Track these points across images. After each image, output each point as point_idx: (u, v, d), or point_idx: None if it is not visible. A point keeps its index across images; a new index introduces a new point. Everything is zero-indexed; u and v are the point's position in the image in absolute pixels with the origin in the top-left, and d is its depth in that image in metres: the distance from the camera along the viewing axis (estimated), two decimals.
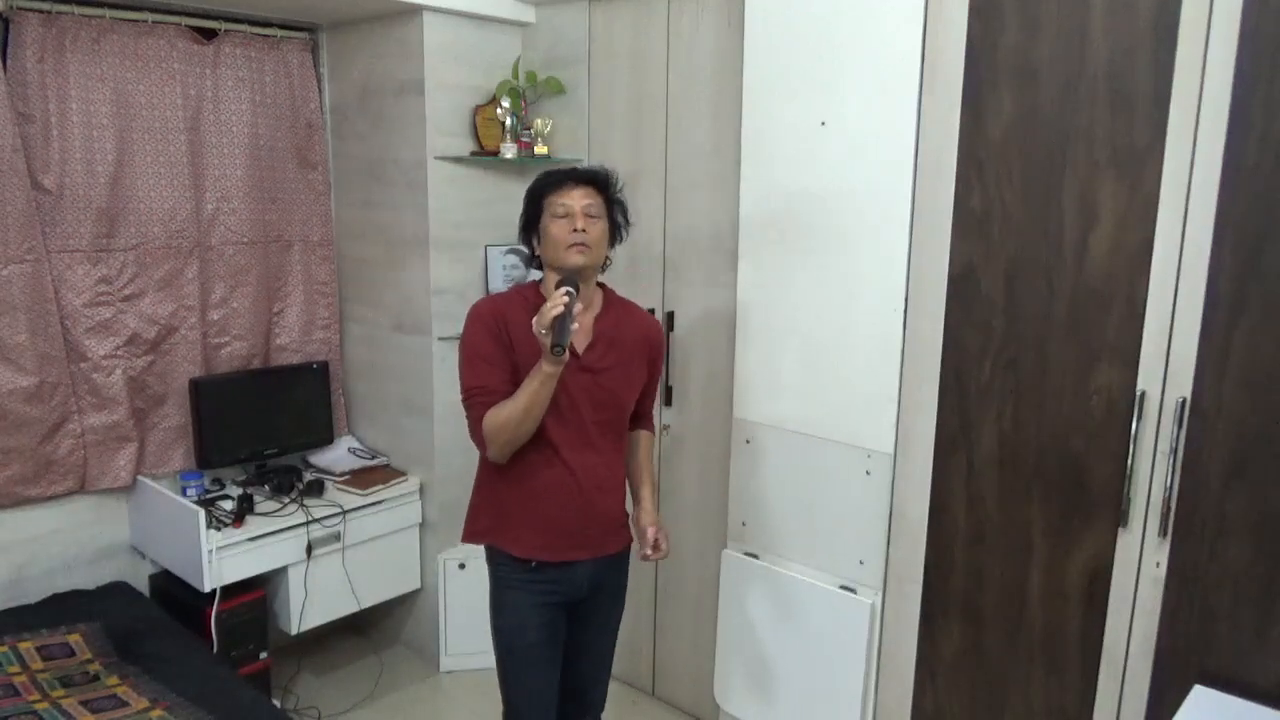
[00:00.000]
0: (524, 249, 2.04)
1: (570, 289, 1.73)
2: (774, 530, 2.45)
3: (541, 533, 1.94)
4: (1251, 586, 1.73)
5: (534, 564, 1.96)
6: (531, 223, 1.96)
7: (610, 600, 2.11)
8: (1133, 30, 1.77)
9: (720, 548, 2.61)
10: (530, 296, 1.93)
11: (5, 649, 2.37)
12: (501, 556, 2.00)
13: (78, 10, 2.62)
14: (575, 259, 1.85)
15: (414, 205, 3.00)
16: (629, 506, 2.10)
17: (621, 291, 2.11)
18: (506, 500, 1.96)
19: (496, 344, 1.88)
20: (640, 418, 2.14)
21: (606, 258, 1.96)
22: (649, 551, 2.00)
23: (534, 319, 1.71)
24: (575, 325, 1.72)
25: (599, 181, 1.92)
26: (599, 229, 1.89)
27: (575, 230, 1.84)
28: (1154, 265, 1.78)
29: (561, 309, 1.68)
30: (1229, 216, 1.68)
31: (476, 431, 1.89)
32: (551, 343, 1.68)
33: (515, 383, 1.84)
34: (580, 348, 1.92)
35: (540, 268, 1.99)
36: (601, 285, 2.02)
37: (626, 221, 2.01)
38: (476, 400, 1.89)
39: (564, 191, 1.88)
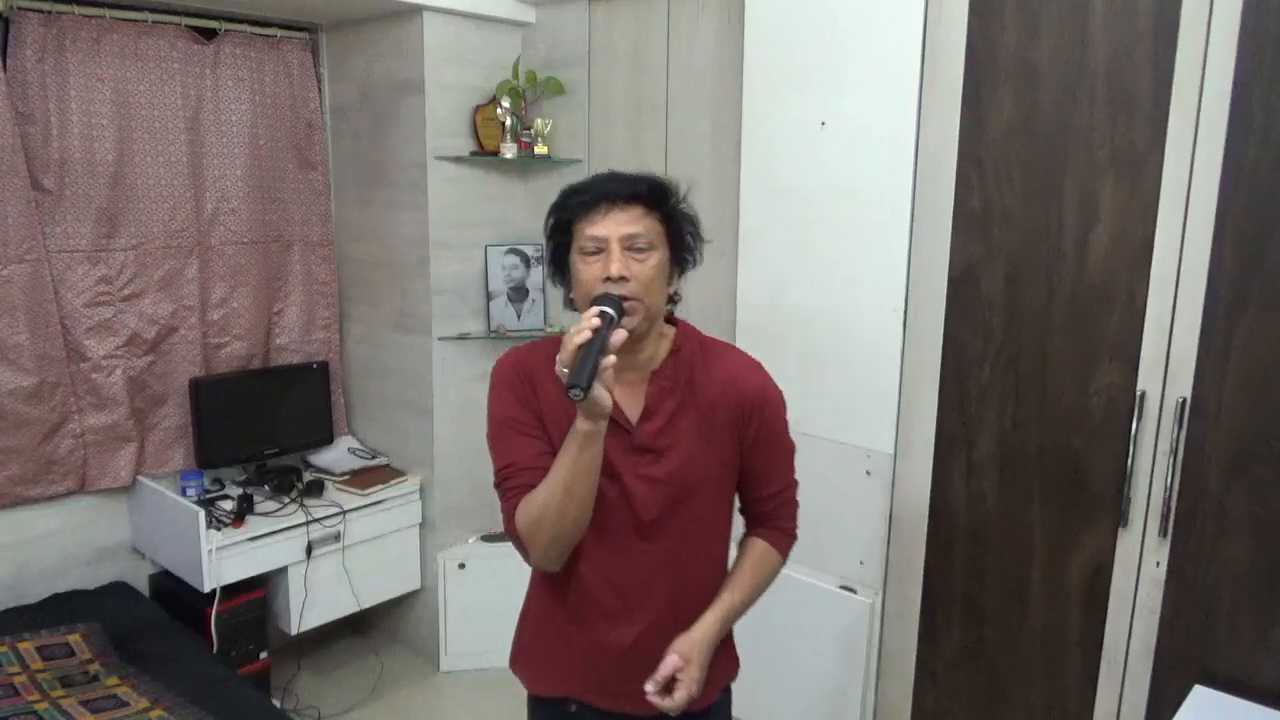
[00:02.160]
0: (564, 288, 1.43)
1: (607, 309, 1.24)
2: None
3: (588, 672, 1.45)
4: (1251, 586, 1.73)
5: (572, 707, 1.49)
6: (559, 256, 1.39)
7: None
8: (1133, 30, 1.77)
9: None
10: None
11: (5, 649, 2.37)
12: (531, 694, 1.60)
13: (78, 10, 2.62)
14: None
15: (414, 205, 3.00)
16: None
17: None
18: (546, 627, 1.50)
19: (524, 407, 1.39)
20: (759, 516, 1.51)
21: (672, 294, 1.40)
22: (650, 689, 1.34)
23: (558, 357, 1.22)
24: (610, 360, 1.18)
25: (647, 195, 1.33)
26: (652, 265, 1.31)
27: (609, 278, 1.29)
28: (1154, 265, 1.78)
29: (589, 334, 1.19)
30: (1229, 216, 1.68)
31: (511, 528, 1.36)
32: (566, 383, 1.16)
33: (554, 453, 1.34)
34: (630, 414, 1.38)
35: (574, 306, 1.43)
36: (674, 321, 1.46)
37: (698, 238, 1.41)
38: (509, 485, 1.37)
39: (595, 217, 1.31)
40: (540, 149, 3.01)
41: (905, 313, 2.12)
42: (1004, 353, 2.01)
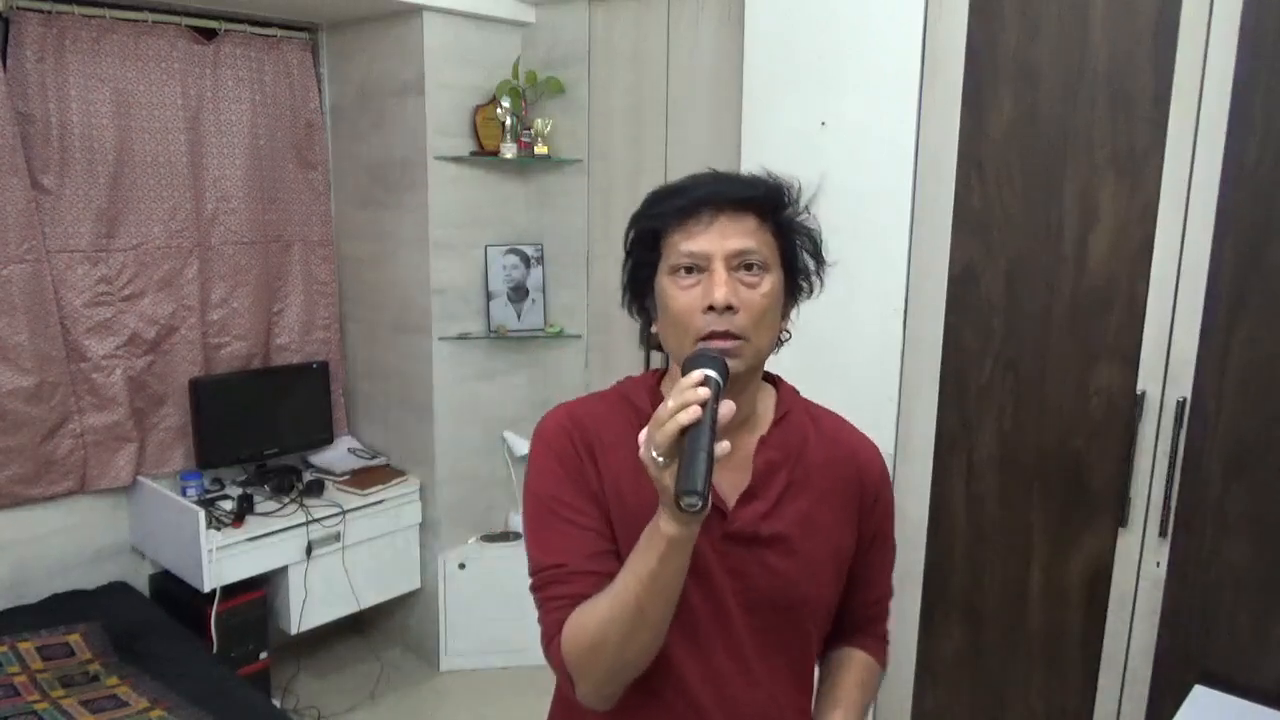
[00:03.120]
0: (642, 319, 1.11)
1: (713, 374, 0.90)
2: None
3: None
4: (1251, 586, 1.73)
5: None
6: (641, 278, 1.07)
7: None
8: (1133, 30, 1.77)
9: None
10: (641, 401, 1.10)
11: (5, 649, 2.37)
12: None
13: (78, 10, 2.62)
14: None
15: (414, 205, 3.00)
16: None
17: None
18: None
19: (578, 487, 1.05)
20: (855, 625, 1.21)
21: (782, 333, 1.09)
22: None
23: (642, 434, 0.89)
24: (724, 447, 0.86)
25: (764, 201, 1.03)
26: (766, 292, 1.01)
27: (712, 307, 0.98)
28: (1154, 265, 1.78)
29: (696, 414, 0.85)
30: (1229, 217, 1.68)
31: (555, 651, 1.00)
32: (678, 487, 0.85)
33: (617, 555, 1.02)
34: (728, 495, 1.05)
35: (659, 347, 1.08)
36: (772, 381, 1.17)
37: (819, 259, 1.10)
38: (553, 593, 1.02)
39: (694, 228, 1.00)
40: (540, 149, 3.01)
41: (905, 313, 2.12)
42: (1004, 353, 2.01)
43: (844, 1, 2.13)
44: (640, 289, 1.08)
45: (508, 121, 2.96)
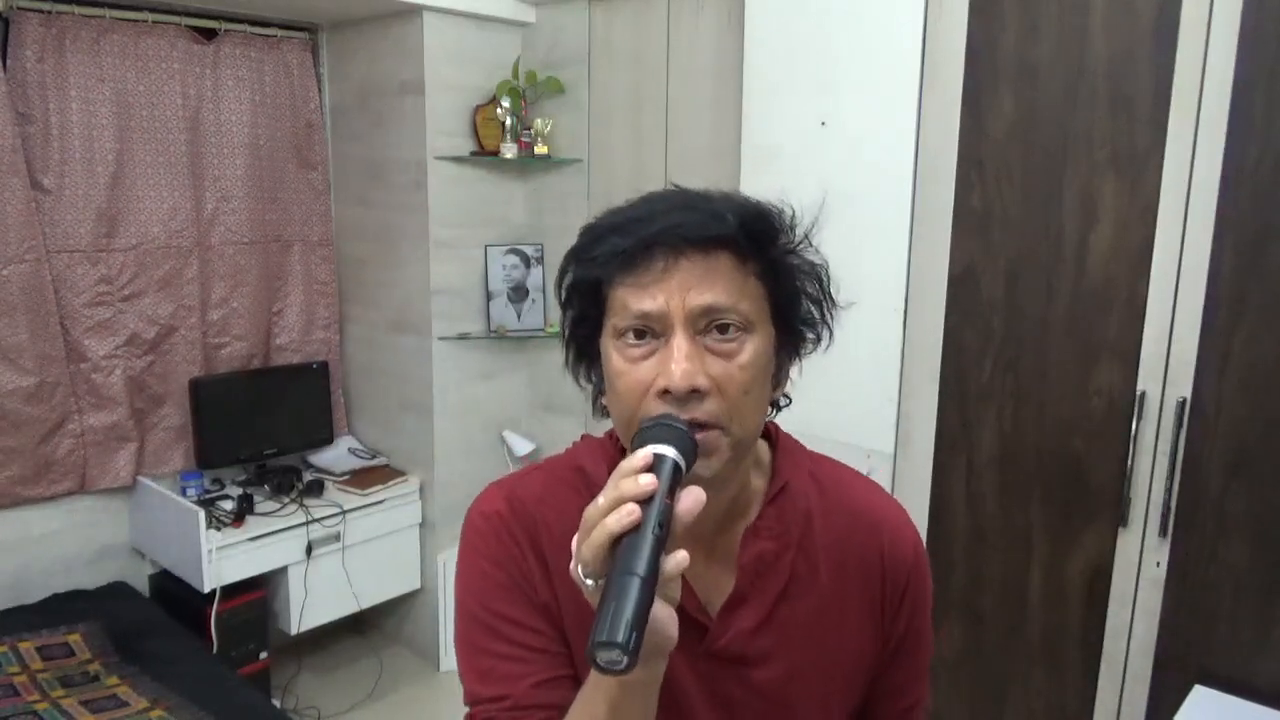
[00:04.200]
0: (592, 383, 0.85)
1: (668, 453, 0.67)
2: None
3: None
4: (1251, 586, 1.73)
5: None
6: (582, 338, 0.82)
7: None
8: (1133, 31, 1.77)
9: None
10: (597, 473, 0.86)
11: (5, 649, 2.37)
12: None
13: (78, 10, 2.62)
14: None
15: (414, 205, 3.00)
16: None
17: None
18: None
19: (520, 595, 0.83)
20: None
21: (776, 399, 0.87)
22: None
23: (574, 542, 0.67)
24: (679, 560, 0.63)
25: (738, 236, 0.76)
26: (746, 362, 0.75)
27: (667, 390, 0.72)
28: (1154, 265, 1.78)
29: (633, 519, 0.62)
30: (1229, 217, 1.68)
31: None
32: (593, 633, 0.59)
33: (573, 681, 0.81)
34: (710, 601, 0.83)
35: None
36: (768, 437, 0.92)
37: (829, 300, 0.85)
38: None
39: (645, 275, 0.74)
40: (540, 149, 3.01)
41: (905, 313, 2.12)
42: (1004, 353, 2.01)
43: (844, 2, 2.13)
44: (584, 349, 0.82)
45: (508, 121, 2.96)
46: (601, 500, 0.64)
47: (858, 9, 2.10)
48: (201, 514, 2.62)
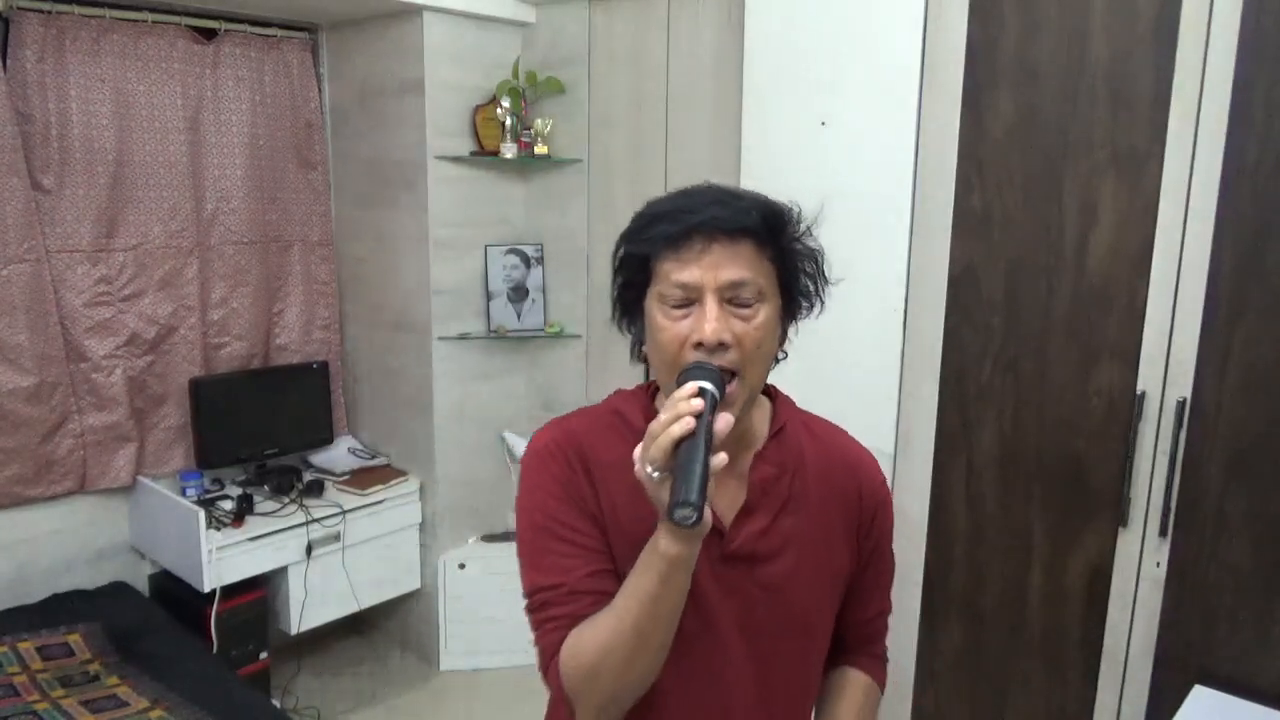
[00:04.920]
0: (632, 335, 1.07)
1: (708, 387, 0.89)
2: None
3: None
4: (1251, 586, 1.73)
5: None
6: (629, 299, 1.04)
7: None
8: (1133, 30, 1.77)
9: None
10: (634, 416, 1.06)
11: (5, 649, 2.37)
12: None
13: (78, 10, 2.62)
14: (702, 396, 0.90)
15: (414, 205, 3.00)
16: None
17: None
18: None
19: (575, 505, 1.02)
20: (854, 643, 1.19)
21: (779, 354, 1.06)
22: None
23: (637, 451, 0.88)
24: (721, 460, 0.85)
25: (760, 228, 0.97)
26: (761, 324, 0.96)
27: (700, 344, 0.94)
28: (1154, 265, 1.78)
29: (689, 426, 0.84)
30: (1229, 216, 1.68)
31: (554, 675, 0.98)
32: (672, 499, 0.83)
33: (615, 576, 0.99)
34: (724, 514, 1.03)
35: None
36: (767, 392, 1.13)
37: (822, 278, 1.05)
38: (551, 614, 1.00)
39: (686, 254, 0.95)
40: (540, 149, 3.01)
41: (905, 313, 2.12)
42: (1004, 353, 2.01)
43: (844, 1, 2.13)
44: (629, 308, 1.04)
45: (508, 121, 2.96)
46: (663, 417, 0.85)
47: (858, 9, 2.10)
48: (201, 514, 2.62)
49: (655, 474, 0.85)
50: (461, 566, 3.16)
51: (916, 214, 2.08)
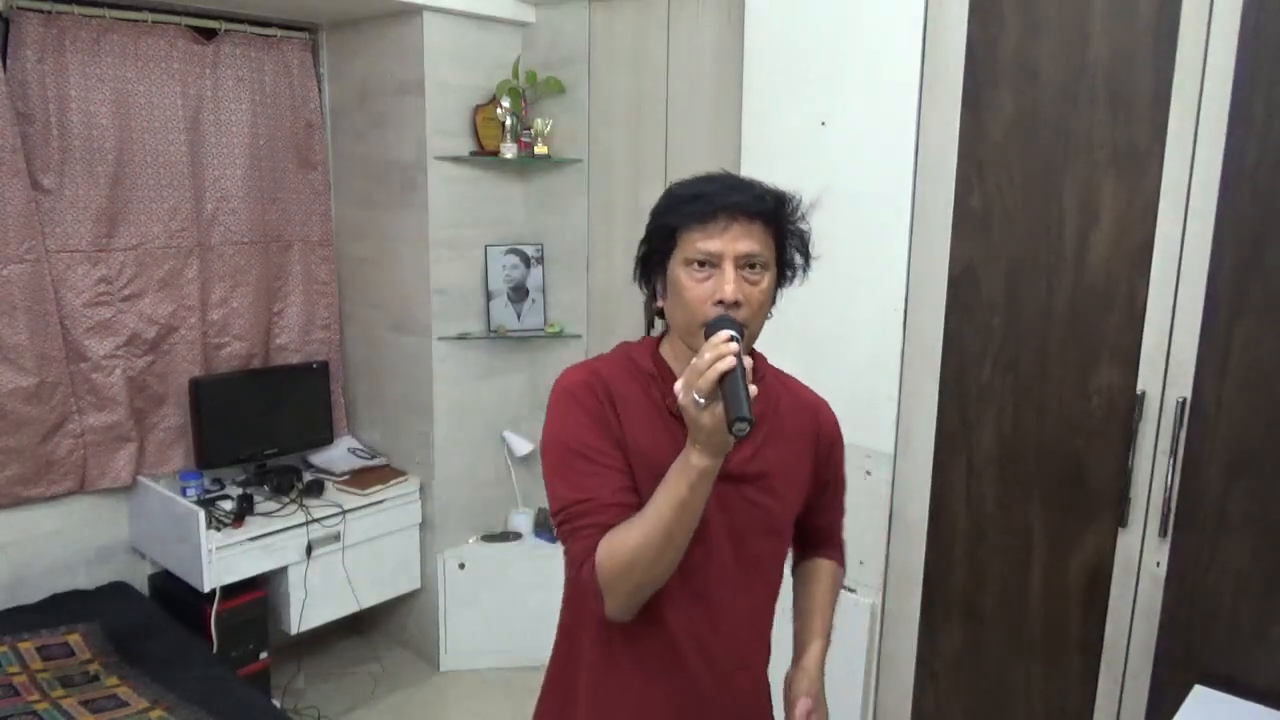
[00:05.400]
0: (648, 293, 1.29)
1: (735, 333, 1.09)
2: None
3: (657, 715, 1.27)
4: (1251, 586, 1.73)
5: None
6: (655, 258, 1.24)
7: None
8: (1133, 30, 1.77)
9: None
10: (645, 363, 1.27)
11: (5, 649, 2.37)
12: None
13: (78, 10, 2.62)
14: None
15: (414, 205, 3.00)
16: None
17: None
18: (603, 684, 1.28)
19: (603, 431, 1.21)
20: (821, 541, 1.48)
21: (769, 314, 1.26)
22: None
23: (679, 385, 1.06)
24: (754, 390, 1.06)
25: (770, 213, 1.20)
26: (764, 288, 1.19)
27: (721, 301, 1.15)
28: (1154, 265, 1.78)
29: (733, 361, 1.03)
30: (1229, 216, 1.68)
31: (584, 573, 1.16)
32: (730, 416, 1.02)
33: (636, 492, 1.19)
34: None
35: (661, 315, 1.28)
36: (752, 353, 1.30)
37: (807, 258, 1.28)
38: (582, 525, 1.17)
39: (712, 228, 1.16)
40: (540, 149, 3.01)
41: (905, 313, 2.12)
42: (1004, 353, 2.01)
43: (844, 1, 2.13)
44: (650, 270, 1.25)
45: (508, 121, 2.96)
46: (706, 355, 1.04)
47: (858, 9, 2.10)
48: (201, 514, 2.62)
49: (702, 401, 1.04)
50: (461, 566, 3.16)
51: (916, 213, 2.08)
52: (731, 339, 1.07)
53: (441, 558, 3.17)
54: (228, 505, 2.85)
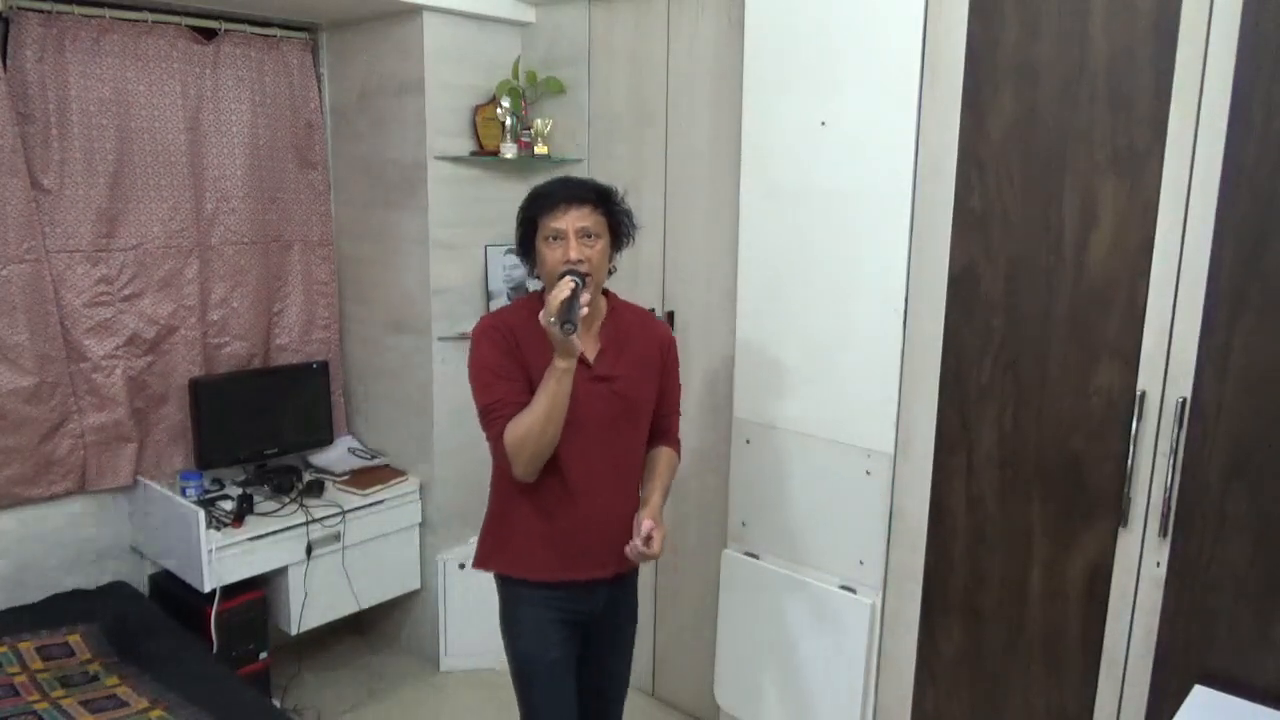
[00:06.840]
0: (528, 265, 1.92)
1: (574, 278, 1.67)
2: (774, 530, 2.44)
3: (557, 553, 1.86)
4: (1251, 586, 1.73)
5: (551, 583, 1.89)
6: (527, 242, 1.85)
7: (626, 620, 2.06)
8: (1133, 30, 1.77)
9: (720, 548, 2.61)
10: (535, 305, 1.81)
11: (5, 649, 2.37)
12: (516, 579, 1.92)
13: (78, 10, 2.62)
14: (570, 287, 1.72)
15: (413, 205, 3.00)
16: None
17: (622, 292, 2.06)
18: (519, 523, 1.88)
19: (508, 356, 1.80)
20: (661, 433, 2.02)
21: (610, 269, 1.87)
22: (639, 544, 1.81)
23: (542, 313, 1.64)
24: (585, 308, 1.64)
25: (595, 197, 1.78)
26: (599, 249, 1.78)
27: (568, 260, 1.73)
28: (1154, 265, 1.78)
29: (569, 292, 1.62)
30: (1229, 216, 1.68)
31: (499, 450, 1.78)
32: (560, 320, 1.59)
33: (532, 394, 1.75)
34: (590, 356, 1.83)
35: (538, 277, 1.89)
36: (605, 292, 1.92)
37: (632, 227, 1.88)
38: (494, 417, 1.77)
39: (555, 214, 1.76)
40: (540, 149, 3.01)
41: (905, 313, 2.12)
42: (1004, 353, 2.01)
43: (844, 1, 2.13)
44: (526, 248, 1.86)
45: (508, 121, 2.96)
46: (555, 292, 1.65)
47: (858, 9, 2.10)
48: (201, 514, 2.62)
49: (554, 320, 1.62)
50: (461, 566, 3.16)
51: (916, 214, 2.08)
52: (571, 282, 1.65)
53: (441, 558, 3.17)
54: (228, 505, 2.85)
